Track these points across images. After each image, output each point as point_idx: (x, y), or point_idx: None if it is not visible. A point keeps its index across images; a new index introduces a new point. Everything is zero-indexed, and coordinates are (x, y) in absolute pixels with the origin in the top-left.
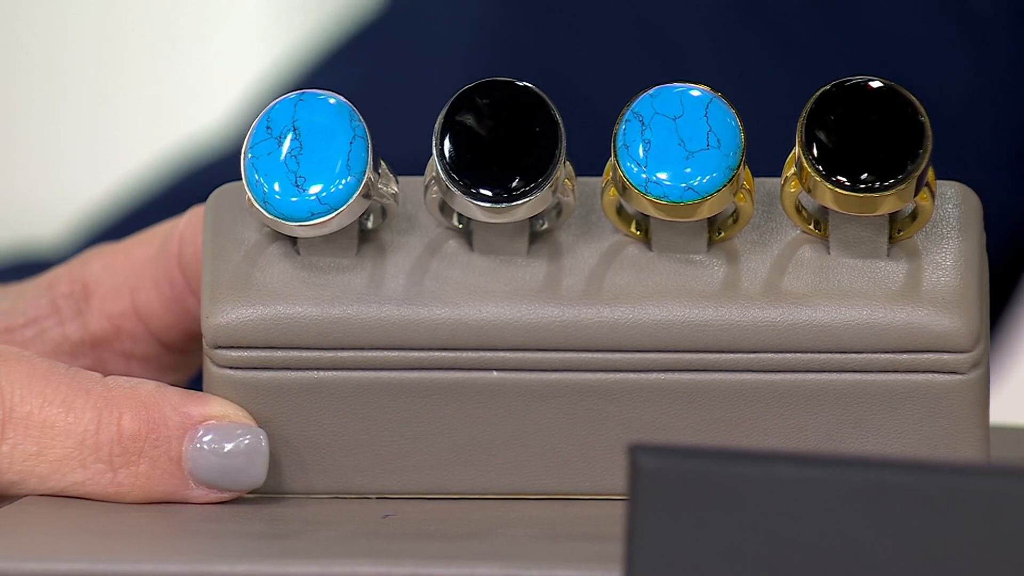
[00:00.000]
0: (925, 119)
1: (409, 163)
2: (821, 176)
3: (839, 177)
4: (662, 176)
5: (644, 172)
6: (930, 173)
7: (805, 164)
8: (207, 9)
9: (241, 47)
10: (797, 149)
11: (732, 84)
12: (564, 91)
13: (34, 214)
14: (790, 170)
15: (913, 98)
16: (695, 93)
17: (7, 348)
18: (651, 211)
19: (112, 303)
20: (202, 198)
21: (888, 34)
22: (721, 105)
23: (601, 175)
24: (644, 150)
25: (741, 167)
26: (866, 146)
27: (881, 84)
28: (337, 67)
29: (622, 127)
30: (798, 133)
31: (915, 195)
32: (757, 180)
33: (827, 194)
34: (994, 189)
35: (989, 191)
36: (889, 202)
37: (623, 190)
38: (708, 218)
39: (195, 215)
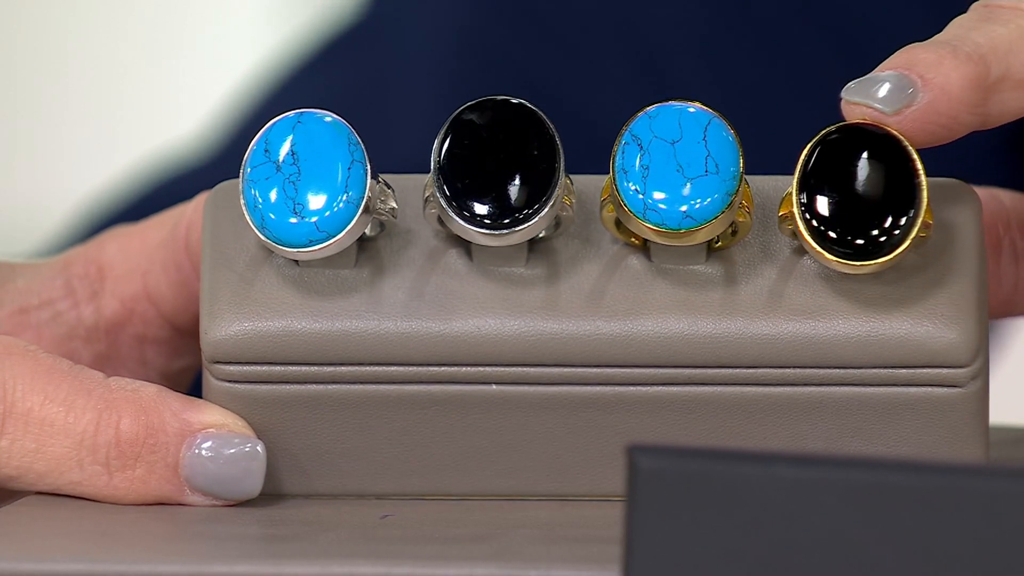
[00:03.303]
0: (921, 179)
1: (386, 168)
2: (818, 244)
3: (832, 249)
4: (660, 203)
5: (642, 197)
6: (926, 211)
7: (801, 227)
8: (184, 17)
9: (218, 54)
10: (794, 207)
11: (712, 83)
12: (542, 95)
13: (8, 224)
14: (787, 209)
15: (912, 153)
16: (692, 110)
17: (13, 341)
18: (649, 236)
19: (125, 286)
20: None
21: (867, 25)
22: (719, 126)
23: (582, 175)
24: (642, 176)
25: (739, 190)
26: (859, 215)
27: (877, 136)
28: (314, 73)
29: (620, 149)
30: (794, 190)
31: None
32: (753, 179)
33: (822, 257)
34: (980, 178)
35: (975, 179)
36: (880, 265)
37: (620, 211)
38: None
39: (203, 201)
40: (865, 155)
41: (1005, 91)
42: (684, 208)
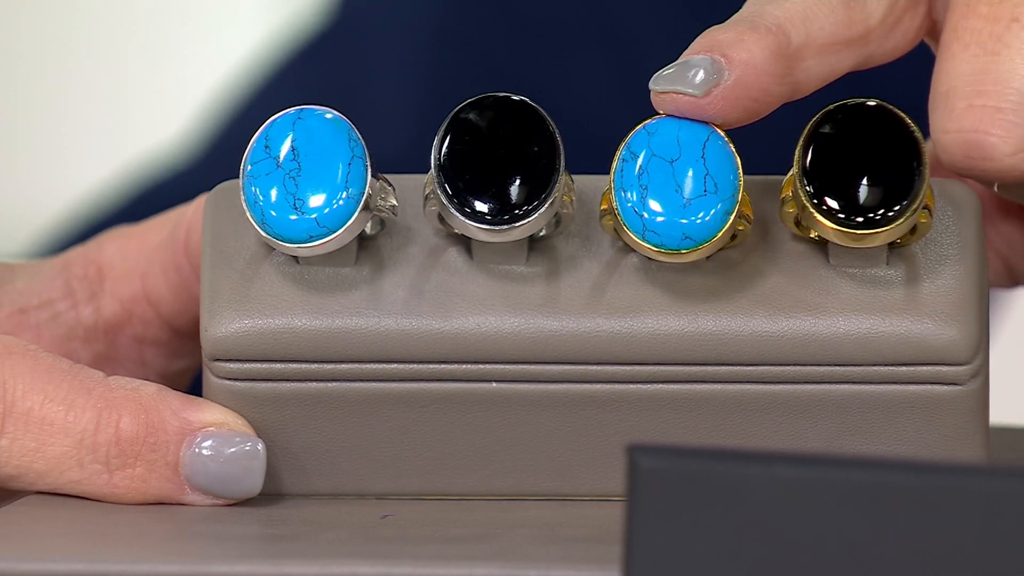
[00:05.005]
0: (919, 140)
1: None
2: (818, 212)
3: (834, 215)
4: (659, 224)
5: (641, 220)
6: (928, 192)
7: (802, 197)
8: (163, 22)
9: (201, 56)
10: (795, 181)
11: None
12: (521, 90)
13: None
14: (788, 191)
15: (908, 121)
16: (691, 124)
17: (13, 341)
18: (648, 255)
19: (124, 287)
20: (161, 211)
21: None
22: (718, 142)
23: (583, 175)
24: (641, 196)
25: (737, 207)
26: (862, 183)
27: (876, 107)
28: (294, 74)
29: (619, 167)
30: (795, 163)
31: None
32: (752, 179)
33: (824, 229)
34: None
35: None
36: (884, 236)
37: (620, 229)
38: None
39: (203, 203)
40: (868, 130)
41: (809, 58)
42: (683, 229)
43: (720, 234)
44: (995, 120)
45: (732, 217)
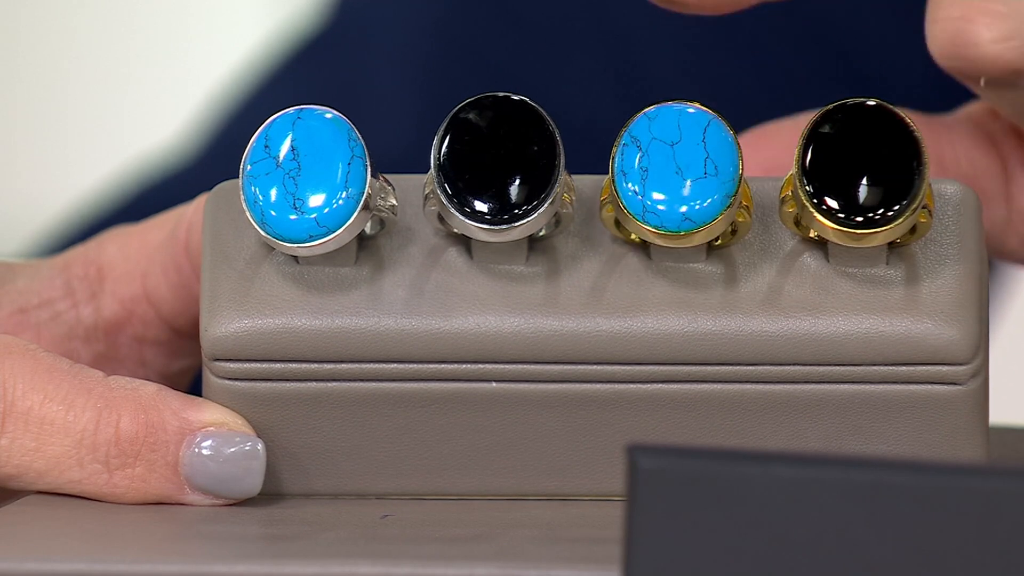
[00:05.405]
0: (919, 140)
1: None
2: (818, 211)
3: (834, 215)
4: (659, 205)
5: (641, 200)
6: (928, 192)
7: (802, 196)
8: (162, 22)
9: (197, 57)
10: (795, 180)
11: (688, 78)
12: (521, 91)
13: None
14: (788, 190)
15: (908, 121)
16: (691, 111)
17: (13, 340)
18: (648, 238)
19: (124, 287)
20: (161, 211)
21: (844, 22)
22: (719, 127)
23: (582, 174)
24: (641, 177)
25: (739, 192)
26: (861, 183)
27: (876, 107)
28: (294, 72)
29: (619, 151)
30: (795, 163)
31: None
32: (753, 179)
33: (823, 229)
34: None
35: None
36: (884, 236)
37: (620, 212)
38: None
39: (203, 203)
40: (868, 130)
41: None
42: (683, 210)
43: (720, 217)
44: (982, 7)
45: (732, 200)
